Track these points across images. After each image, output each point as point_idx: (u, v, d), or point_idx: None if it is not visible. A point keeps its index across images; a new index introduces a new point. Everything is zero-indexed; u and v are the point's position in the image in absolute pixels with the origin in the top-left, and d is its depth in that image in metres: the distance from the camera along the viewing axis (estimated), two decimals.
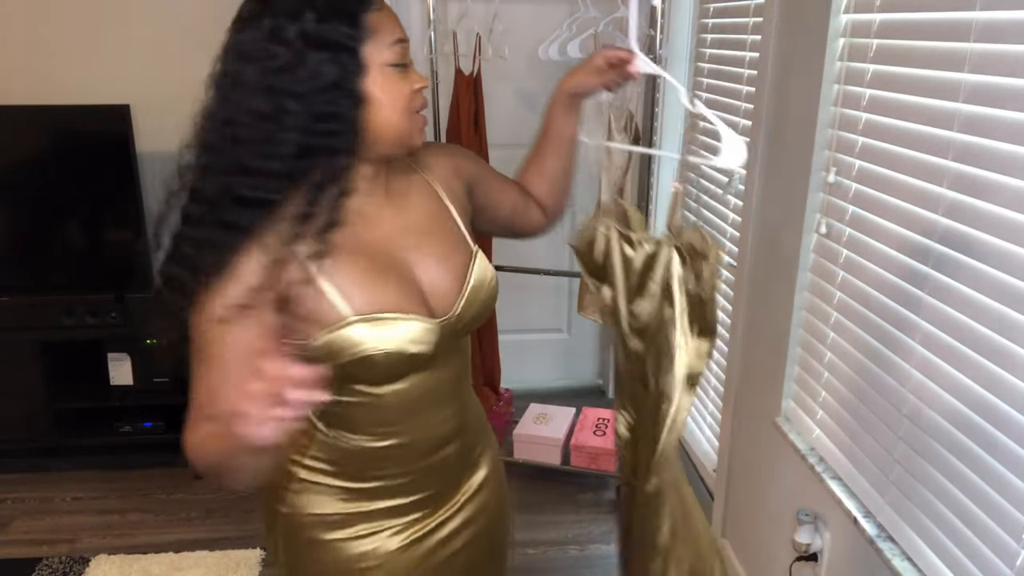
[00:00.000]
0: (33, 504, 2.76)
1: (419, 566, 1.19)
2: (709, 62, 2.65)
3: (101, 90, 2.95)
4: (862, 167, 1.59)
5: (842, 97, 1.67)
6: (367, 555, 1.16)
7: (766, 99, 2.00)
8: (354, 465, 1.13)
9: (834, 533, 1.69)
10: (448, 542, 1.22)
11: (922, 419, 1.40)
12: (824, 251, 1.76)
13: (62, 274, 2.91)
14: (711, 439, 2.74)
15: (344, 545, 1.15)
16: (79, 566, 2.41)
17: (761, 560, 2.11)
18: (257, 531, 2.60)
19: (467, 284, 1.12)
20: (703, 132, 2.73)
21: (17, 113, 2.75)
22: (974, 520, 1.27)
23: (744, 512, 2.24)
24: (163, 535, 2.59)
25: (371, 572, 1.16)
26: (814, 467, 1.73)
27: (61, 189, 2.81)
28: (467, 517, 1.24)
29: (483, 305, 1.15)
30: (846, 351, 1.66)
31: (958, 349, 1.31)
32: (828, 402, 1.75)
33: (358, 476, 1.14)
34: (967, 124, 1.28)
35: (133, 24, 2.91)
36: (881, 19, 1.52)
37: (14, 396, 2.81)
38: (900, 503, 1.48)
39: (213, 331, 0.98)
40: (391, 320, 1.02)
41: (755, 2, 2.21)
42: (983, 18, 1.23)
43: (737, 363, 2.24)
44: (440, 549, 1.21)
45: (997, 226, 1.21)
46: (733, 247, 2.42)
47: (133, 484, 2.88)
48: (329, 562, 1.16)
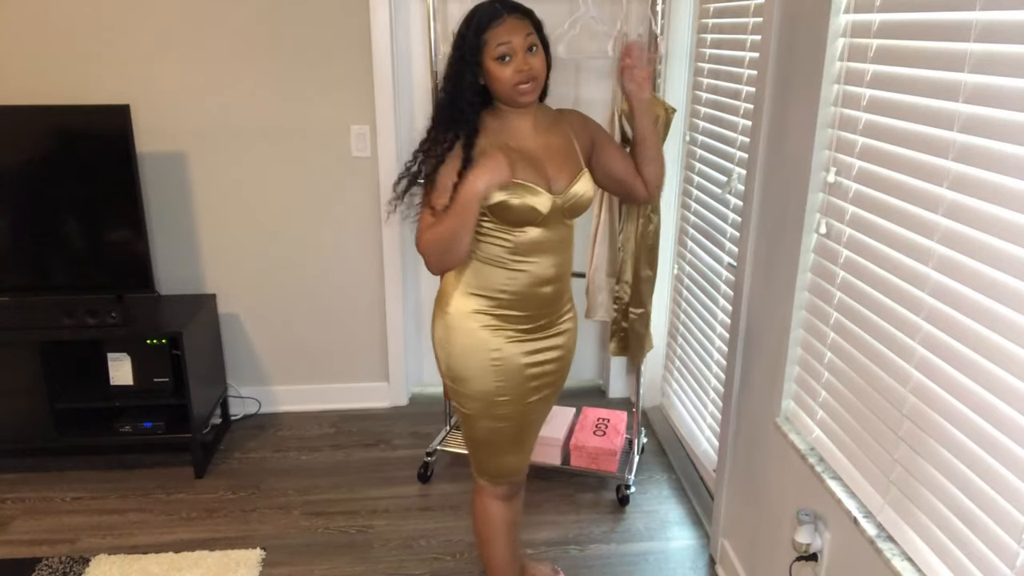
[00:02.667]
0: (33, 504, 2.76)
1: (525, 360, 1.89)
2: (709, 62, 2.65)
3: (101, 90, 2.95)
4: (862, 167, 1.59)
5: (842, 97, 1.67)
6: (494, 342, 1.86)
7: (766, 99, 2.00)
8: (492, 283, 1.84)
9: (834, 533, 1.69)
10: (543, 352, 1.92)
11: (922, 419, 1.40)
12: (824, 251, 1.76)
13: (62, 274, 2.91)
14: (711, 439, 2.74)
15: (482, 332, 1.85)
16: (79, 566, 2.42)
17: (761, 560, 2.11)
18: (257, 531, 2.61)
19: (574, 182, 1.83)
20: (701, 147, 2.73)
21: (17, 113, 2.75)
22: (974, 520, 1.27)
23: (744, 512, 2.24)
24: (163, 535, 2.59)
25: (496, 353, 1.86)
26: (814, 467, 1.73)
27: (61, 189, 2.81)
28: (556, 344, 1.95)
29: (580, 200, 1.84)
30: (846, 351, 1.66)
31: (958, 349, 1.31)
32: (828, 402, 1.75)
33: (493, 290, 1.84)
34: (967, 124, 1.28)
35: (133, 24, 2.91)
36: (881, 19, 1.52)
37: (14, 396, 2.81)
38: (900, 503, 1.48)
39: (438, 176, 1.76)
40: (528, 187, 1.75)
41: (755, 2, 2.21)
42: (983, 18, 1.23)
43: (737, 363, 2.24)
44: (538, 354, 1.91)
45: (997, 226, 1.21)
46: (733, 247, 2.42)
47: (133, 484, 2.88)
48: (472, 342, 1.86)
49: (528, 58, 1.72)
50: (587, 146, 1.92)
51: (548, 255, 1.85)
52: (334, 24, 2.97)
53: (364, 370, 3.44)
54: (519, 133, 1.82)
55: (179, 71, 2.99)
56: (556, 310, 1.93)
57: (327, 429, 3.29)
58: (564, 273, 1.91)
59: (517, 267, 1.83)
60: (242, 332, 3.32)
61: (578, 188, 1.84)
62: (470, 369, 1.88)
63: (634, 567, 2.45)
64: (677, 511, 2.72)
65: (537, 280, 1.85)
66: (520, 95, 1.74)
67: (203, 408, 2.98)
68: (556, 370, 1.99)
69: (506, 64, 1.71)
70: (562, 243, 1.87)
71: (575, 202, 1.84)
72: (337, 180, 3.16)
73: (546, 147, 1.84)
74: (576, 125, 1.92)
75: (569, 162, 1.85)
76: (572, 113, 1.95)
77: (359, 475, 2.95)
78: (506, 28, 1.71)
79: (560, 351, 1.97)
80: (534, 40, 1.73)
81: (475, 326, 1.86)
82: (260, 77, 3.01)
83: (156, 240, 3.14)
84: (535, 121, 1.84)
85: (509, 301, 1.85)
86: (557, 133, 1.87)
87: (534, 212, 1.77)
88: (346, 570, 2.43)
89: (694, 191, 2.85)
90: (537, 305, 1.88)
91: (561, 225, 1.85)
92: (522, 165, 1.77)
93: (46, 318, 2.83)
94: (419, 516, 2.70)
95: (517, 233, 1.80)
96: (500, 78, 1.72)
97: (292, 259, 3.25)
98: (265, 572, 2.41)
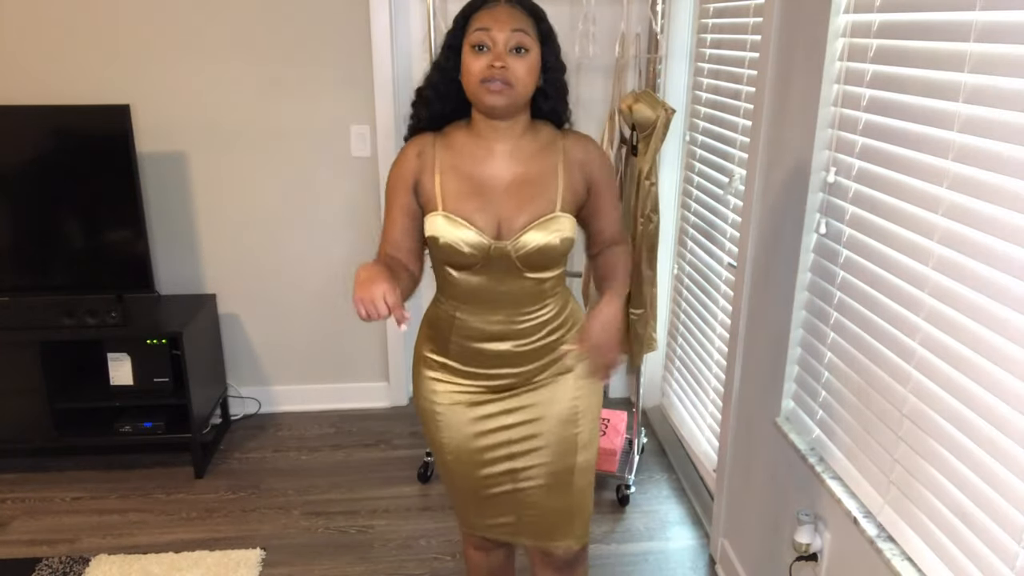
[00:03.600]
0: (33, 504, 2.76)
1: (472, 427, 1.63)
2: (709, 62, 2.65)
3: (101, 90, 2.95)
4: (862, 167, 1.59)
5: (842, 97, 1.67)
6: (437, 394, 1.64)
7: (766, 99, 2.00)
8: (439, 323, 1.61)
9: (834, 533, 1.69)
10: (498, 418, 1.63)
11: (922, 419, 1.41)
12: (824, 251, 1.76)
13: (62, 274, 2.91)
14: (711, 439, 2.74)
15: (428, 378, 1.65)
16: (79, 566, 2.41)
17: (761, 560, 2.11)
18: (257, 531, 2.60)
19: (528, 228, 1.49)
20: (701, 147, 2.73)
21: (17, 113, 2.75)
22: (974, 520, 1.27)
23: (744, 512, 2.24)
24: (163, 535, 2.59)
25: (438, 407, 1.64)
26: (814, 467, 1.73)
27: (61, 189, 2.81)
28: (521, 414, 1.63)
29: (535, 250, 1.50)
30: (846, 351, 1.66)
31: (958, 349, 1.31)
32: (828, 402, 1.75)
33: (440, 333, 1.61)
34: (967, 124, 1.28)
35: (133, 24, 2.91)
36: (881, 19, 1.52)
37: (14, 396, 2.81)
38: (900, 503, 1.48)
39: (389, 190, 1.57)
40: (458, 222, 1.48)
41: (755, 2, 2.21)
42: (983, 18, 1.23)
43: (737, 363, 2.24)
44: (490, 420, 1.63)
45: (997, 226, 1.21)
46: (733, 247, 2.42)
47: (133, 484, 2.88)
48: (419, 384, 1.68)
49: (508, 57, 1.42)
50: (578, 186, 1.55)
51: (489, 307, 1.55)
52: (334, 24, 2.97)
53: (364, 370, 3.44)
54: (483, 155, 1.51)
55: (179, 71, 2.99)
56: (520, 374, 1.61)
57: (327, 429, 3.29)
58: (521, 331, 1.58)
59: (454, 312, 1.58)
60: (242, 332, 3.32)
61: (532, 237, 1.48)
62: (420, 411, 1.70)
63: (634, 567, 2.45)
64: (677, 511, 2.72)
65: (477, 334, 1.57)
66: (485, 94, 1.42)
67: (203, 408, 2.98)
68: (525, 448, 1.64)
69: (479, 55, 1.42)
70: (514, 297, 1.54)
71: (528, 252, 1.49)
72: (337, 180, 3.16)
73: (515, 179, 1.51)
74: (573, 157, 1.55)
75: (535, 202, 1.50)
76: (577, 141, 1.57)
77: (359, 475, 2.95)
78: (492, 14, 1.43)
79: (528, 426, 1.63)
80: (524, 42, 1.43)
81: (422, 368, 1.66)
82: (260, 77, 3.01)
83: (156, 240, 3.13)
84: (516, 144, 1.52)
85: (454, 351, 1.60)
86: (540, 163, 1.53)
87: (458, 254, 1.49)
88: (346, 570, 2.43)
89: (694, 191, 2.85)
90: (483, 363, 1.60)
91: (514, 276, 1.53)
92: (465, 195, 1.49)
93: (46, 318, 2.83)
94: (419, 516, 2.70)
95: (452, 273, 1.54)
96: (468, 69, 1.44)
97: (292, 259, 3.24)
98: (265, 572, 2.41)
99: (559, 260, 1.56)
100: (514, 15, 1.44)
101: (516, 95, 1.44)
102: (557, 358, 1.63)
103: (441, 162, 1.52)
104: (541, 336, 1.60)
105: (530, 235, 1.49)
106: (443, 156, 1.52)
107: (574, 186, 1.54)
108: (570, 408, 1.65)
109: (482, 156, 1.52)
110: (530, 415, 1.64)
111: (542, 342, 1.61)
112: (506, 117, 1.48)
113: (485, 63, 1.41)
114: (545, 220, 1.49)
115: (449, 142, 1.54)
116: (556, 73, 1.52)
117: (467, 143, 1.52)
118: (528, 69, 1.44)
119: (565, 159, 1.54)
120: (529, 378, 1.62)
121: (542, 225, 1.49)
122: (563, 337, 1.63)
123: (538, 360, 1.62)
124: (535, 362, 1.62)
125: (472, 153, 1.52)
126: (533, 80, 1.47)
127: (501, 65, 1.41)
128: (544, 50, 1.48)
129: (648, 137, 2.41)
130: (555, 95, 1.54)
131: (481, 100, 1.44)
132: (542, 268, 1.54)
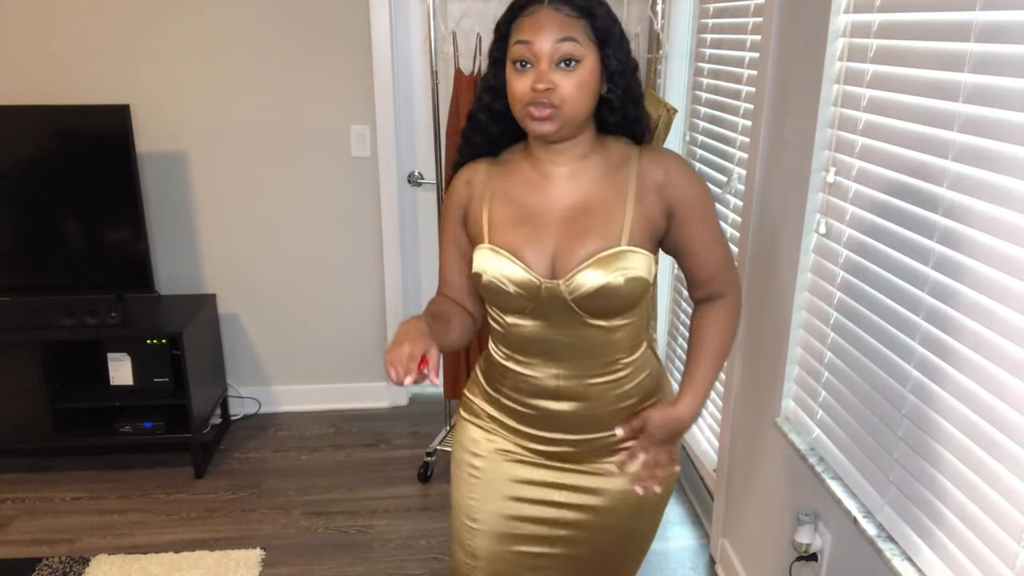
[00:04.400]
0: (33, 504, 2.76)
1: (511, 489, 1.40)
2: (709, 62, 2.65)
3: (101, 90, 2.95)
4: (862, 167, 1.59)
5: (842, 97, 1.67)
6: (479, 444, 1.43)
7: (766, 99, 2.00)
8: (492, 373, 1.41)
9: (834, 533, 1.69)
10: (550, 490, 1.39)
11: (922, 419, 1.40)
12: (824, 251, 1.76)
13: (62, 274, 2.91)
14: (711, 439, 2.73)
15: (469, 427, 1.45)
16: (79, 566, 2.41)
17: (761, 560, 2.11)
18: (257, 531, 2.60)
19: (586, 265, 1.25)
20: (701, 147, 2.73)
21: (17, 113, 2.75)
22: (974, 520, 1.27)
23: (744, 512, 2.24)
24: (163, 535, 2.59)
25: (476, 459, 1.42)
26: (814, 467, 1.73)
27: (61, 189, 2.81)
28: (580, 491, 1.39)
29: (592, 292, 1.25)
30: (846, 351, 1.66)
31: (958, 349, 1.31)
32: (828, 402, 1.75)
33: (494, 382, 1.41)
34: (967, 124, 1.28)
35: (133, 24, 2.91)
36: (881, 19, 1.51)
37: (14, 396, 2.81)
38: (900, 503, 1.48)
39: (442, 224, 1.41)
40: (504, 257, 1.27)
41: (755, 2, 2.21)
42: (983, 18, 1.23)
43: (737, 363, 2.24)
44: (538, 489, 1.40)
45: (997, 226, 1.21)
46: (733, 247, 2.42)
47: (133, 484, 2.88)
48: (459, 436, 1.48)
49: (554, 74, 1.19)
50: (655, 215, 1.28)
51: (546, 359, 1.32)
52: (334, 24, 2.97)
53: (364, 370, 3.43)
54: (539, 180, 1.30)
55: (179, 71, 2.99)
56: (581, 443, 1.37)
57: (327, 429, 3.29)
58: (585, 391, 1.33)
59: (506, 363, 1.37)
60: (242, 332, 3.32)
61: (589, 276, 1.24)
62: (454, 464, 1.49)
63: None
64: (677, 511, 2.72)
65: (532, 389, 1.35)
66: (531, 121, 1.21)
67: (203, 408, 2.98)
68: (568, 536, 1.41)
69: (522, 73, 1.21)
70: (575, 348, 1.30)
71: (585, 294, 1.25)
72: (337, 180, 3.16)
73: (574, 206, 1.28)
74: (650, 179, 1.28)
75: (597, 233, 1.25)
76: (656, 160, 1.29)
77: (359, 475, 2.95)
78: (533, 22, 1.19)
79: (580, 512, 1.39)
80: (573, 52, 1.18)
81: (464, 415, 1.47)
82: (260, 77, 3.01)
83: (156, 240, 3.14)
84: (578, 167, 1.29)
85: (506, 404, 1.39)
86: (606, 187, 1.28)
87: (502, 294, 1.28)
88: (346, 570, 2.43)
89: None
90: (538, 423, 1.37)
91: (574, 323, 1.29)
92: (514, 225, 1.28)
93: (46, 318, 2.83)
94: (419, 516, 2.69)
95: (504, 318, 1.33)
96: (511, 90, 1.23)
97: (292, 259, 3.24)
98: (265, 572, 2.41)
99: (630, 305, 1.29)
100: (559, 21, 1.19)
101: (566, 117, 1.21)
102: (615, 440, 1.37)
103: (493, 190, 1.32)
104: (611, 400, 1.34)
105: (587, 274, 1.24)
106: (496, 183, 1.32)
107: (649, 215, 1.27)
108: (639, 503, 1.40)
109: (537, 181, 1.30)
110: (585, 500, 1.39)
111: (611, 407, 1.35)
112: (562, 141, 1.27)
113: (528, 84, 1.19)
114: (607, 255, 1.24)
115: (504, 167, 1.33)
116: (623, 78, 1.26)
117: (523, 167, 1.32)
118: (579, 84, 1.20)
119: (639, 182, 1.27)
120: (593, 453, 1.37)
121: (603, 262, 1.24)
122: (640, 406, 1.37)
123: (606, 430, 1.36)
124: (601, 432, 1.36)
125: (527, 178, 1.30)
126: (588, 95, 1.22)
127: (545, 87, 1.18)
128: (604, 53, 1.23)
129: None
130: (623, 105, 1.28)
131: (527, 127, 1.23)
132: (608, 314, 1.28)
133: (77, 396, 2.88)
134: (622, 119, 1.30)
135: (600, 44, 1.22)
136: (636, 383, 1.36)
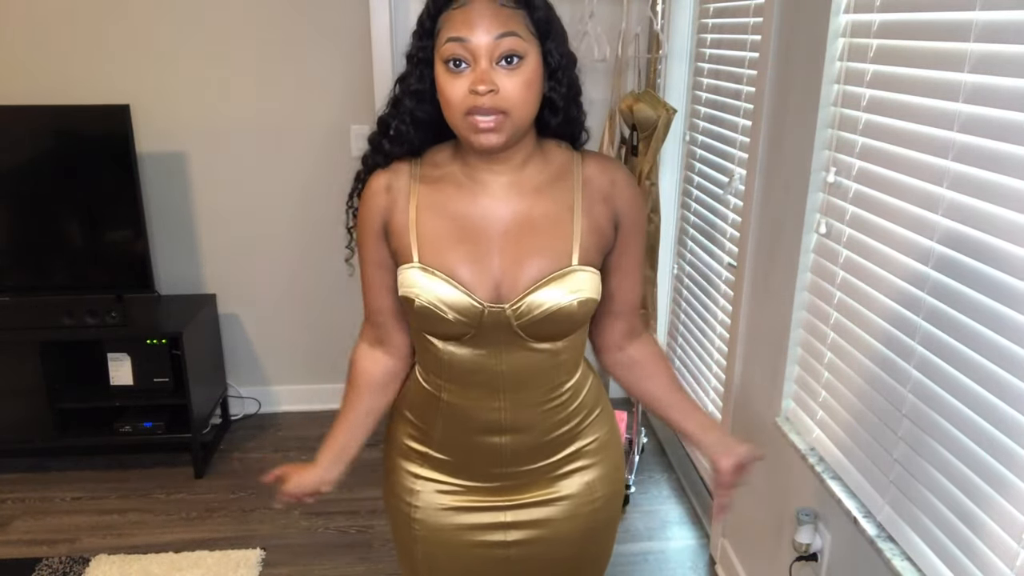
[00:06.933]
0: (33, 504, 2.76)
1: (458, 536, 1.28)
2: (709, 62, 2.65)
3: (101, 90, 2.95)
4: (862, 167, 1.59)
5: (842, 97, 1.67)
6: (417, 495, 1.28)
7: (766, 99, 2.00)
8: (422, 406, 1.26)
9: (834, 533, 1.69)
10: (496, 532, 1.28)
11: (922, 419, 1.40)
12: (824, 251, 1.76)
13: (62, 274, 2.91)
14: None
15: (405, 476, 1.30)
16: (79, 566, 2.41)
17: (761, 560, 2.11)
18: (257, 531, 2.60)
19: (539, 286, 1.12)
20: (701, 147, 2.73)
21: (17, 113, 2.75)
22: (974, 520, 1.27)
23: (744, 512, 2.24)
24: (163, 535, 2.59)
25: (415, 512, 1.29)
26: (814, 467, 1.73)
27: (61, 189, 2.81)
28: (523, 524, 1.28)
29: (554, 319, 1.12)
30: (846, 351, 1.66)
31: (958, 349, 1.31)
32: (828, 402, 1.75)
33: (422, 416, 1.26)
34: (967, 124, 1.28)
35: (133, 24, 2.91)
36: (881, 19, 1.52)
37: (14, 396, 2.81)
38: (900, 503, 1.48)
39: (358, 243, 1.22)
40: (439, 278, 1.12)
41: (755, 2, 2.21)
42: (983, 18, 1.23)
43: (737, 363, 2.24)
44: (483, 533, 1.28)
45: (997, 226, 1.21)
46: (733, 247, 2.42)
47: (133, 484, 2.88)
48: (392, 484, 1.33)
49: (496, 73, 1.03)
50: (603, 225, 1.17)
51: (484, 389, 1.18)
52: (334, 24, 2.97)
53: None
54: (474, 188, 1.14)
55: (179, 71, 2.99)
56: (524, 474, 1.26)
57: (327, 429, 3.28)
58: (529, 422, 1.21)
59: (438, 393, 1.21)
60: (242, 332, 3.32)
61: (540, 299, 1.11)
62: (390, 512, 1.36)
63: (634, 567, 2.45)
64: (677, 511, 2.72)
65: (469, 424, 1.21)
66: (473, 132, 1.05)
67: (203, 408, 2.98)
68: (522, 569, 1.31)
69: (456, 74, 1.04)
70: (518, 377, 1.18)
71: (535, 319, 1.12)
72: (337, 180, 3.15)
73: (516, 219, 1.13)
74: (596, 188, 1.17)
75: (545, 252, 1.13)
76: (601, 166, 1.19)
77: (359, 475, 2.92)
78: (466, 15, 1.04)
79: (532, 547, 1.29)
80: (515, 47, 1.03)
81: (397, 458, 1.31)
82: (260, 77, 3.01)
83: (156, 240, 3.13)
84: (519, 174, 1.14)
85: (439, 440, 1.25)
86: (551, 198, 1.15)
87: (439, 320, 1.12)
88: (346, 570, 2.43)
89: (694, 191, 2.85)
90: (476, 459, 1.24)
91: (517, 348, 1.16)
92: (449, 242, 1.12)
93: (46, 318, 2.83)
94: None
95: (438, 344, 1.17)
96: (444, 94, 1.06)
97: (292, 259, 3.24)
98: (265, 572, 2.41)
99: (579, 326, 1.18)
100: (496, 13, 1.03)
101: (515, 126, 1.06)
102: (576, 452, 1.28)
103: (418, 197, 1.14)
104: (554, 425, 1.24)
105: (538, 296, 1.11)
106: (422, 190, 1.15)
107: (599, 227, 1.16)
108: (588, 525, 1.31)
109: (472, 189, 1.14)
110: (534, 533, 1.29)
111: (554, 433, 1.24)
112: (506, 150, 1.11)
113: (465, 87, 1.03)
114: (558, 276, 1.12)
115: (429, 170, 1.16)
116: (566, 74, 1.13)
117: (453, 173, 1.15)
118: (525, 84, 1.05)
119: (585, 192, 1.16)
120: (534, 481, 1.27)
121: (554, 282, 1.11)
122: (580, 426, 1.27)
123: (550, 457, 1.26)
124: (543, 460, 1.26)
125: (459, 185, 1.14)
126: (535, 96, 1.08)
127: (488, 89, 1.02)
128: (545, 48, 1.08)
129: (648, 137, 2.41)
130: (566, 104, 1.14)
131: (470, 141, 1.07)
132: (554, 337, 1.17)
133: (77, 396, 2.88)
134: (564, 120, 1.16)
135: (541, 37, 1.08)
136: (580, 402, 1.25)
